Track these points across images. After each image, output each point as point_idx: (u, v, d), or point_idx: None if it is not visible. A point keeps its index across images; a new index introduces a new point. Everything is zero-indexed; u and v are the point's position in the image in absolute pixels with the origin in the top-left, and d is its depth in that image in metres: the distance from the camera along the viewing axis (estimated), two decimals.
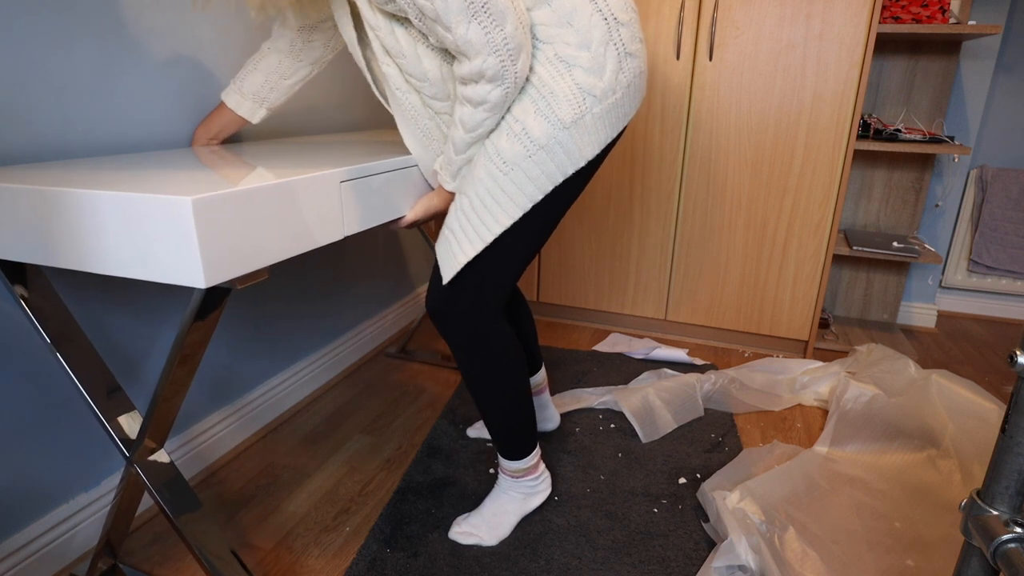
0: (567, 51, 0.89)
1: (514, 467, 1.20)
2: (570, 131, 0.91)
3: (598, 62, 0.90)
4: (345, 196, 0.88)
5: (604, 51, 0.90)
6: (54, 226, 0.72)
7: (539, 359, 1.44)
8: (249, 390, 1.52)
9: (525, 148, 0.91)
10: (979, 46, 2.06)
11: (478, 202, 0.95)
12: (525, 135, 0.91)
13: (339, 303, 1.83)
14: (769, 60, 1.79)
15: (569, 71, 0.89)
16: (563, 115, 0.90)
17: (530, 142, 0.91)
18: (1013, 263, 2.31)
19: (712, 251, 2.03)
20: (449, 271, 0.99)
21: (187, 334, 0.78)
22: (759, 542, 1.09)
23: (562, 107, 0.90)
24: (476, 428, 1.53)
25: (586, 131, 0.92)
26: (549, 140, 0.91)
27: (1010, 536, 0.56)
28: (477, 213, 0.95)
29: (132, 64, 1.12)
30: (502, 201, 0.94)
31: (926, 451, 1.43)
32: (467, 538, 1.17)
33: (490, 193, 0.94)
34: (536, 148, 0.91)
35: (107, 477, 1.17)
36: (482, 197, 0.94)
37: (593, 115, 0.92)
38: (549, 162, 0.92)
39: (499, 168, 0.92)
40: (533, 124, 0.90)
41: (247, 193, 0.70)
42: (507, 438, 1.17)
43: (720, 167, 1.94)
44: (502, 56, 0.82)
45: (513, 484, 1.22)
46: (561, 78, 0.89)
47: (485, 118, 0.90)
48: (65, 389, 1.07)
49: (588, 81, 0.90)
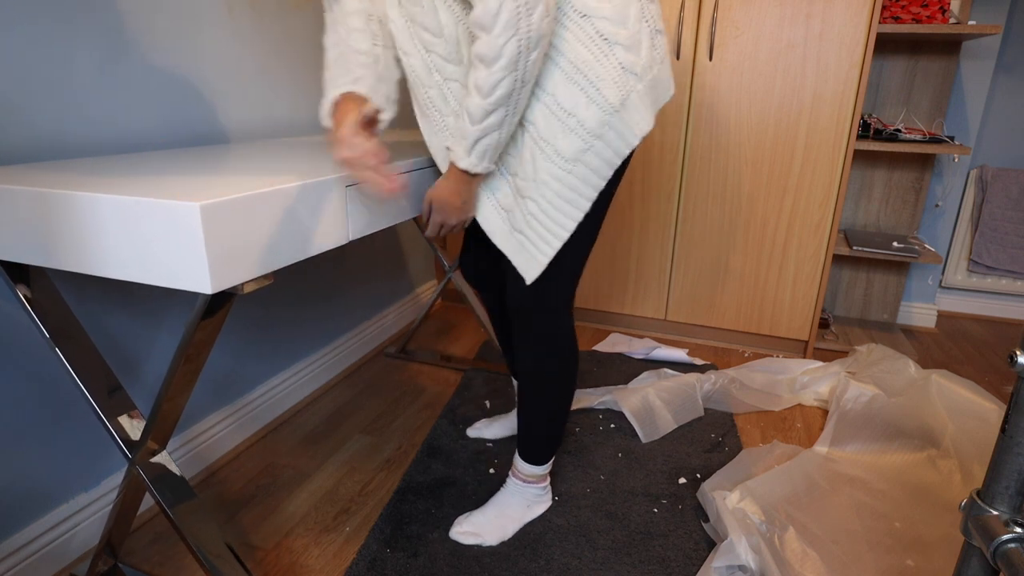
0: (607, 27, 0.88)
1: (530, 471, 1.21)
2: (620, 113, 0.91)
3: (635, 39, 0.89)
4: (350, 200, 0.88)
5: (639, 28, 0.90)
6: (58, 229, 0.72)
7: None
8: (249, 390, 1.52)
9: (583, 141, 0.91)
10: (979, 46, 2.06)
11: (547, 204, 0.95)
12: (581, 127, 0.90)
13: (339, 303, 1.83)
14: (769, 60, 1.79)
15: (611, 50, 0.88)
16: (611, 98, 0.90)
17: (586, 133, 0.91)
18: (1013, 263, 2.31)
19: (712, 251, 2.03)
20: (533, 272, 1.00)
21: (193, 334, 0.78)
22: (759, 542, 1.09)
23: (609, 89, 0.89)
24: (476, 428, 1.53)
25: (633, 110, 0.92)
26: (602, 127, 0.91)
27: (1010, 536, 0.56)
28: (548, 215, 0.96)
29: (132, 64, 1.12)
30: (571, 198, 0.95)
31: (926, 451, 1.43)
32: (469, 538, 1.17)
33: (558, 194, 0.94)
34: (592, 138, 0.91)
35: (107, 477, 1.17)
36: (551, 199, 0.95)
37: (637, 93, 0.92)
38: (606, 149, 0.93)
39: (561, 168, 0.93)
40: (585, 114, 0.90)
41: (254, 198, 0.70)
42: (540, 441, 1.18)
43: (720, 167, 1.94)
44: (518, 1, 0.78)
45: (522, 489, 1.22)
46: (605, 58, 0.88)
47: (501, 79, 0.83)
48: (66, 389, 1.07)
49: (629, 59, 0.89)
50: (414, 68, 0.95)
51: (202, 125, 1.28)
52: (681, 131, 1.94)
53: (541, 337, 1.08)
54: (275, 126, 1.49)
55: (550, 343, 1.09)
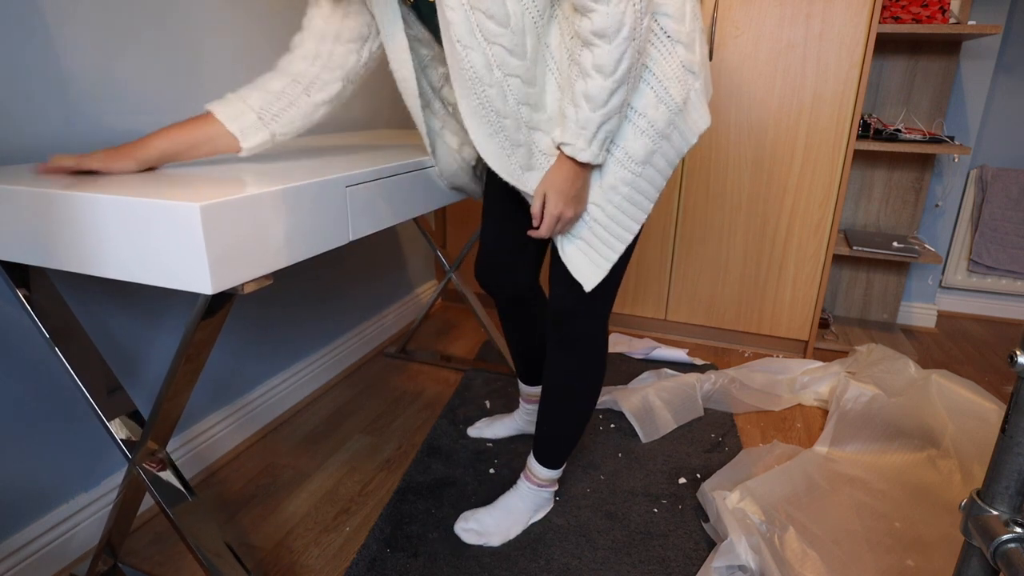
0: (670, 25, 0.86)
1: (546, 475, 1.21)
2: (683, 112, 0.91)
3: (691, 37, 0.89)
4: (351, 200, 0.88)
5: (694, 26, 0.89)
6: (59, 229, 0.72)
7: None
8: (249, 390, 1.52)
9: (652, 142, 0.90)
10: (979, 46, 2.06)
11: (613, 209, 0.93)
12: (651, 128, 0.89)
13: (339, 303, 1.83)
14: (769, 60, 1.79)
15: (674, 48, 0.87)
16: (676, 96, 0.89)
17: (655, 134, 0.90)
18: (1013, 263, 2.31)
19: (712, 251, 2.03)
20: (594, 279, 0.97)
21: (193, 334, 0.78)
22: (759, 542, 1.09)
23: (674, 88, 0.88)
24: (477, 427, 1.53)
25: (693, 108, 0.92)
26: (668, 127, 0.90)
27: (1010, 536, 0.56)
28: (615, 219, 0.94)
29: (132, 63, 1.12)
30: (638, 201, 0.94)
31: (926, 451, 1.43)
32: (473, 537, 1.17)
33: (627, 199, 0.93)
34: (660, 139, 0.90)
35: (107, 477, 1.17)
36: (618, 204, 0.93)
37: (695, 91, 0.91)
38: (670, 149, 0.93)
39: (632, 172, 0.91)
40: (655, 114, 0.89)
41: (254, 199, 0.70)
42: (561, 444, 1.18)
43: (720, 167, 1.94)
44: None
45: (534, 492, 1.22)
46: (671, 56, 0.87)
47: (623, 52, 0.78)
48: (66, 389, 1.07)
49: (688, 57, 0.88)
50: (473, 64, 0.86)
51: None
52: None
53: (582, 343, 1.08)
54: None
55: (590, 350, 1.08)
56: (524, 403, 1.49)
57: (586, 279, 0.98)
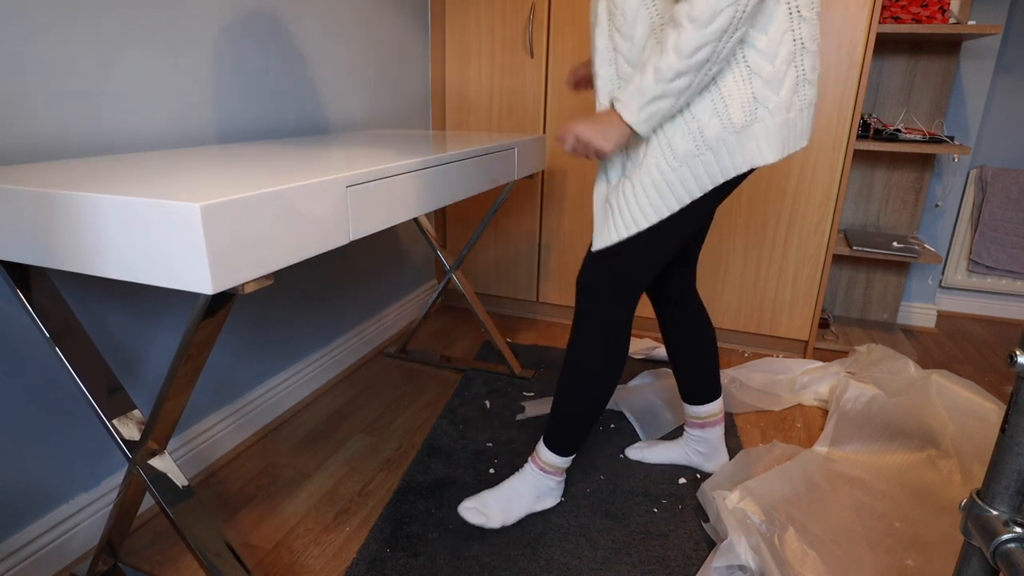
0: (754, 57, 0.91)
1: (550, 459, 1.22)
2: (739, 135, 0.94)
3: (777, 77, 0.92)
4: (351, 200, 0.88)
5: (785, 69, 0.93)
6: (59, 229, 0.72)
7: (717, 385, 1.35)
8: (249, 390, 1.52)
9: (696, 146, 0.95)
10: (979, 46, 2.06)
11: (640, 189, 0.99)
12: (699, 133, 0.94)
13: (339, 303, 1.83)
14: None
15: (750, 79, 0.92)
16: (735, 118, 0.93)
17: (702, 141, 0.94)
18: (1013, 263, 2.31)
19: (712, 251, 2.03)
20: (601, 242, 1.05)
21: (193, 334, 0.78)
22: (759, 542, 1.09)
23: (735, 111, 0.93)
24: (636, 449, 1.46)
25: (753, 139, 0.95)
26: (718, 142, 0.94)
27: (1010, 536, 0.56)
28: (638, 199, 1.00)
29: (132, 63, 1.12)
30: (665, 193, 0.98)
31: (926, 451, 1.43)
32: (474, 515, 1.20)
33: (655, 185, 0.98)
34: (705, 148, 0.95)
35: (107, 477, 1.18)
36: (645, 186, 0.98)
37: (764, 126, 0.94)
38: (714, 163, 0.96)
39: (668, 163, 0.96)
40: (708, 123, 0.93)
41: (255, 199, 0.70)
42: (565, 427, 1.19)
43: None
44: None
45: (537, 477, 1.23)
46: (744, 84, 0.92)
47: (705, 43, 0.84)
48: (66, 388, 1.07)
49: (764, 93, 0.93)
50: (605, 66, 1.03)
51: (204, 125, 1.28)
52: None
53: (587, 319, 1.11)
54: (276, 126, 1.49)
55: (592, 329, 1.11)
56: (689, 429, 1.40)
57: (596, 237, 1.06)
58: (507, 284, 2.35)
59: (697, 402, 1.35)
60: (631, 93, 0.92)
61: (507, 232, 2.28)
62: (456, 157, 1.17)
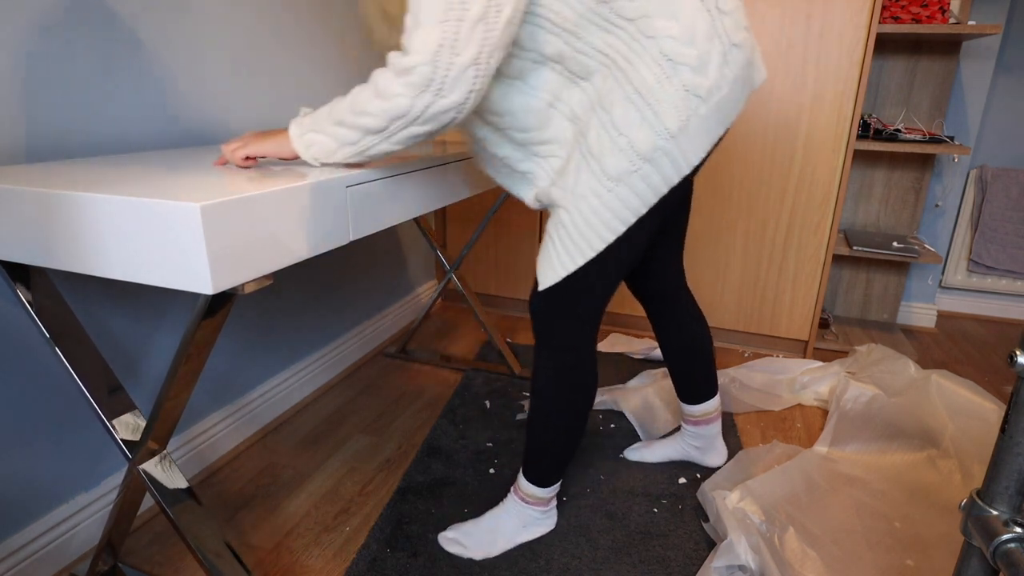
0: (673, 47, 0.82)
1: (529, 491, 1.16)
2: (677, 139, 0.86)
3: (704, 59, 0.84)
4: (351, 200, 0.88)
5: (709, 46, 0.84)
6: (59, 229, 0.72)
7: (714, 384, 1.32)
8: (249, 390, 1.52)
9: (631, 163, 0.86)
10: (979, 46, 2.06)
11: (580, 219, 0.90)
12: (631, 149, 0.86)
13: (339, 303, 1.83)
14: (769, 60, 1.79)
15: (676, 72, 0.83)
16: (669, 123, 0.85)
17: (635, 156, 0.86)
18: (1013, 263, 2.31)
19: (712, 251, 2.03)
20: (546, 280, 0.97)
21: (193, 334, 0.78)
22: (759, 542, 1.09)
23: (668, 114, 0.84)
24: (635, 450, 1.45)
25: (692, 136, 0.87)
26: (655, 152, 0.86)
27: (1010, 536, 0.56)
28: (579, 230, 0.91)
29: (133, 63, 1.12)
30: (606, 218, 0.90)
31: (926, 451, 1.43)
32: (453, 546, 1.14)
33: (594, 211, 0.89)
34: (642, 162, 0.86)
35: (107, 477, 1.18)
36: (585, 214, 0.90)
37: (699, 117, 0.86)
38: (655, 175, 0.87)
39: (603, 185, 0.88)
40: (639, 136, 0.85)
41: (254, 199, 0.70)
42: (539, 460, 1.12)
43: (720, 167, 1.94)
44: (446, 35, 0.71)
45: (519, 508, 1.17)
46: (668, 81, 0.83)
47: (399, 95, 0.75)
48: (66, 388, 1.07)
49: (695, 81, 0.84)
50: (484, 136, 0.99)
51: (203, 125, 1.28)
52: None
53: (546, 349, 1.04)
54: (276, 126, 1.49)
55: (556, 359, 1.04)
56: (684, 425, 1.39)
57: (542, 276, 0.98)
58: (507, 284, 2.35)
59: (692, 401, 1.34)
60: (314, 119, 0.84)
61: (507, 232, 2.28)
62: (456, 157, 1.17)
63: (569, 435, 1.09)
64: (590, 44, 0.85)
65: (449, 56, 0.72)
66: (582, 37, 0.84)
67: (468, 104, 0.77)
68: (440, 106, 0.76)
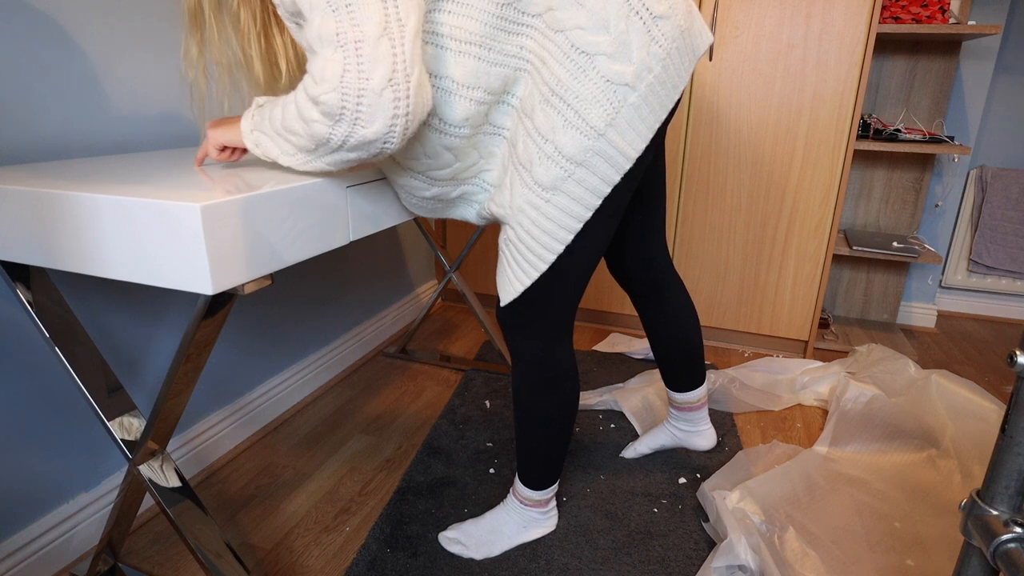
0: (583, 38, 0.76)
1: (526, 494, 1.15)
2: (606, 136, 0.80)
3: (621, 42, 0.77)
4: (351, 201, 0.88)
5: (625, 27, 0.77)
6: (58, 230, 0.72)
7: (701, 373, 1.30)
8: (249, 390, 1.52)
9: (562, 169, 0.81)
10: (979, 46, 2.06)
11: (524, 233, 0.87)
12: (558, 154, 0.80)
13: (339, 303, 1.83)
14: (769, 60, 1.79)
15: (591, 63, 0.77)
16: (595, 120, 0.79)
17: (565, 161, 0.81)
18: (1013, 263, 2.31)
19: (712, 251, 2.03)
20: (506, 296, 0.95)
21: (194, 334, 0.78)
22: (759, 542, 1.09)
23: (591, 111, 0.78)
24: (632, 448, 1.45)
25: (624, 129, 0.80)
26: (584, 153, 0.80)
27: (1010, 536, 0.56)
28: (525, 244, 0.88)
29: (133, 63, 1.12)
30: (549, 229, 0.86)
31: (926, 451, 1.43)
32: (454, 546, 1.14)
33: (535, 223, 0.86)
34: (573, 166, 0.81)
35: (108, 477, 1.18)
36: (527, 228, 0.87)
37: (630, 106, 0.79)
38: (591, 177, 0.82)
39: (539, 196, 0.84)
40: (564, 140, 0.79)
41: (255, 199, 0.70)
42: (532, 465, 1.11)
43: (720, 167, 1.94)
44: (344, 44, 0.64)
45: (519, 510, 1.16)
46: (584, 75, 0.77)
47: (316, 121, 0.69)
48: (66, 388, 1.07)
49: (615, 69, 0.77)
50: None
51: (203, 125, 1.28)
52: (681, 131, 1.94)
53: (521, 359, 1.02)
54: None
55: (530, 367, 1.02)
56: (672, 410, 1.37)
57: (502, 292, 0.96)
58: None
59: (678, 389, 1.31)
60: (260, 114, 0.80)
61: None
62: None
63: (558, 437, 1.08)
64: (503, 53, 0.79)
65: (356, 81, 0.65)
66: (493, 47, 0.78)
67: (395, 135, 0.69)
68: (361, 136, 0.69)
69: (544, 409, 1.04)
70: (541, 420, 1.05)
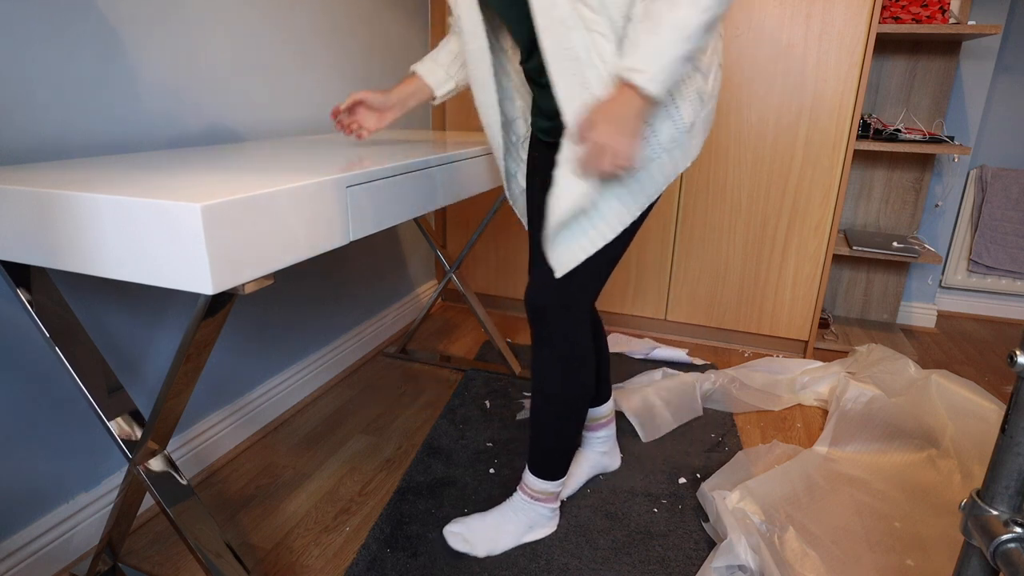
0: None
1: (539, 487, 1.16)
2: (688, 133, 0.94)
3: (708, 69, 0.93)
4: (351, 200, 0.88)
5: (711, 60, 0.94)
6: (59, 230, 0.72)
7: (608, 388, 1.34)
8: (249, 390, 1.52)
9: (652, 151, 0.93)
10: (979, 46, 2.06)
11: (603, 201, 0.94)
12: (654, 138, 0.92)
13: (339, 303, 1.83)
14: (769, 60, 1.79)
15: (693, 75, 0.92)
16: (685, 117, 0.92)
17: (657, 144, 0.93)
18: (1013, 263, 2.31)
19: (712, 251, 2.03)
20: (567, 264, 0.97)
21: (194, 334, 0.78)
22: (759, 542, 1.09)
23: (684, 110, 0.92)
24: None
25: (696, 134, 0.95)
26: (672, 143, 0.93)
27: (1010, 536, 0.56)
28: (601, 211, 0.94)
29: (133, 63, 1.12)
30: (626, 200, 0.95)
31: (926, 451, 1.43)
32: (458, 542, 1.14)
33: (614, 194, 0.94)
34: (661, 151, 0.93)
35: (107, 477, 1.18)
36: (605, 196, 0.94)
37: (701, 119, 0.95)
38: (669, 163, 0.95)
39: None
40: (662, 127, 0.92)
41: (255, 199, 0.70)
42: (549, 452, 1.13)
43: (720, 167, 1.94)
44: None
45: (527, 506, 1.17)
46: (689, 81, 0.91)
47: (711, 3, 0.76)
48: (66, 388, 1.07)
49: (702, 86, 0.93)
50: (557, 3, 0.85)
51: (203, 125, 1.28)
52: None
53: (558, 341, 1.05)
54: (277, 125, 1.49)
55: (566, 349, 1.05)
56: (589, 433, 1.37)
57: (561, 262, 0.97)
58: (507, 284, 2.35)
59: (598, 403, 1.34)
60: (648, 56, 0.77)
61: (507, 232, 2.28)
62: (456, 157, 1.17)
63: (577, 425, 1.12)
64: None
65: None
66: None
67: None
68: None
69: (566, 390, 1.08)
70: (566, 405, 1.10)
